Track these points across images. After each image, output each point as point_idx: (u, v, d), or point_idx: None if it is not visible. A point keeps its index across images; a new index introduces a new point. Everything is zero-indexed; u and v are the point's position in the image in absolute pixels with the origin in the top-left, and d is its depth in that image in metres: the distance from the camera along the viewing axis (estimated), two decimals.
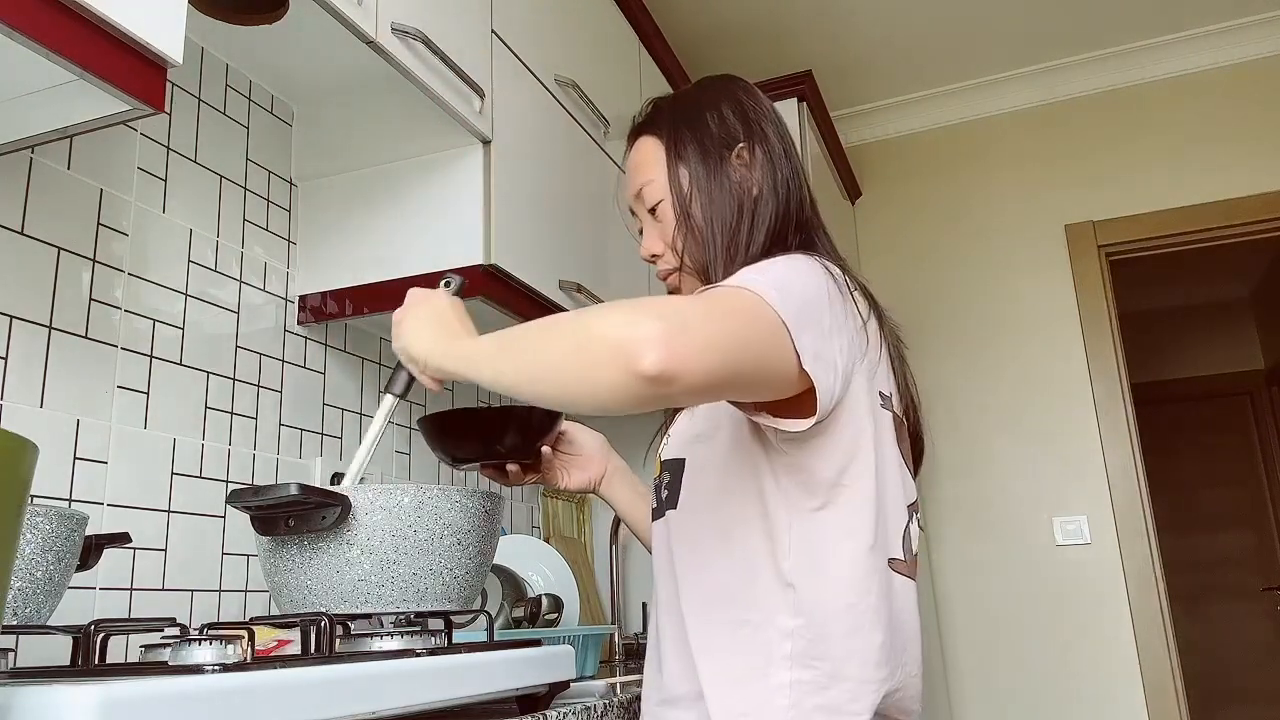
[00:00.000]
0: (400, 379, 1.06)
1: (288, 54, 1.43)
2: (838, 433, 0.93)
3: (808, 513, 0.93)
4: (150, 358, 1.28)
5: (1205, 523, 4.97)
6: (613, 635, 2.07)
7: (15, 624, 0.84)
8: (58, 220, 1.18)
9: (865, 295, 1.01)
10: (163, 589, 1.25)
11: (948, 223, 3.26)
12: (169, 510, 1.28)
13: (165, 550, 1.26)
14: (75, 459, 1.16)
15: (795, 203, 1.07)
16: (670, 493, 1.04)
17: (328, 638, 0.85)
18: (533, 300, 1.60)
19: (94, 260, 1.22)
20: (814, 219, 1.10)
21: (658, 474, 1.09)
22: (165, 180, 1.34)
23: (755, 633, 0.93)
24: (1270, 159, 2.93)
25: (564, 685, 1.05)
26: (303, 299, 1.56)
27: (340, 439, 1.63)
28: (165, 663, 0.77)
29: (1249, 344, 5.10)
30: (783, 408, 0.89)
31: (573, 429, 1.23)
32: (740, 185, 1.06)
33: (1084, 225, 3.08)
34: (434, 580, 0.97)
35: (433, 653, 0.90)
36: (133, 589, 1.21)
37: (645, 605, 2.27)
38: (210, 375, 1.38)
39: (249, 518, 0.96)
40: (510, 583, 1.69)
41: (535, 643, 1.04)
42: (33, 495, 1.07)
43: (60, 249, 1.18)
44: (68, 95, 0.93)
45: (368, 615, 0.96)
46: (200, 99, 1.42)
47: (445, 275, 1.12)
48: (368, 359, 1.71)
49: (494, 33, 1.57)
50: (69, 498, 1.14)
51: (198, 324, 1.37)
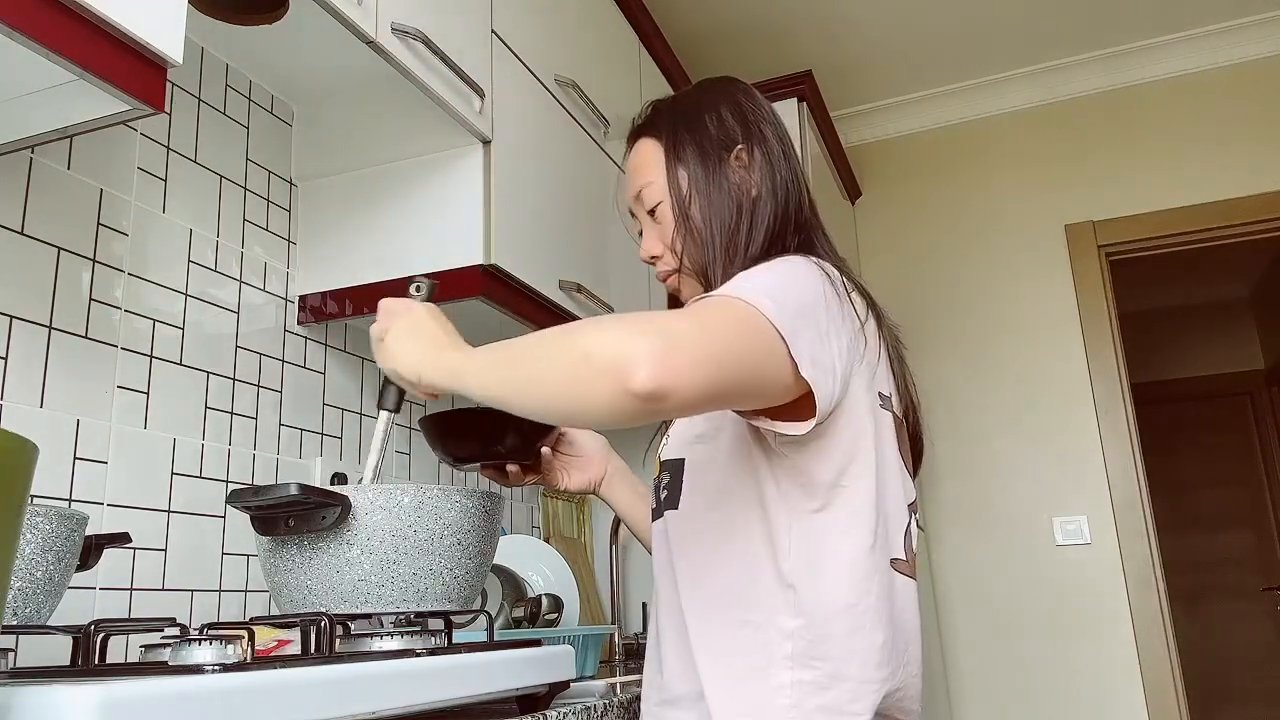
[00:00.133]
0: (390, 394, 1.06)
1: (288, 54, 1.43)
2: (837, 434, 0.93)
3: (808, 514, 0.93)
4: (150, 358, 1.28)
5: (1205, 523, 4.97)
6: (613, 635, 2.07)
7: (15, 624, 0.84)
8: (58, 220, 1.18)
9: (863, 295, 1.01)
10: (163, 589, 1.25)
11: (948, 223, 3.26)
12: (169, 510, 1.28)
13: (165, 550, 1.27)
14: (75, 459, 1.16)
15: (794, 204, 1.07)
16: (670, 493, 1.04)
17: (328, 638, 0.85)
18: (532, 300, 1.60)
19: (94, 260, 1.22)
20: (813, 220, 1.10)
21: (657, 474, 1.09)
22: (165, 180, 1.34)
23: (756, 633, 0.93)
24: (1270, 159, 2.93)
25: (564, 685, 1.05)
26: (303, 299, 1.57)
27: (340, 439, 1.63)
28: (165, 663, 0.77)
29: (1249, 344, 5.10)
30: (781, 411, 0.89)
31: (573, 430, 1.23)
32: (739, 187, 1.06)
33: (1084, 225, 3.08)
34: (434, 580, 0.97)
35: (433, 653, 0.90)
36: (133, 589, 1.21)
37: (645, 605, 2.27)
38: (210, 375, 1.38)
39: (249, 518, 0.96)
40: (510, 583, 1.69)
41: (535, 643, 1.04)
42: (33, 495, 1.07)
43: (60, 249, 1.18)
44: (68, 95, 0.93)
45: (368, 615, 0.96)
46: (200, 99, 1.42)
47: (414, 280, 1.08)
48: (368, 359, 1.71)
49: (494, 33, 1.57)
50: (69, 498, 1.14)
51: (198, 324, 1.37)
